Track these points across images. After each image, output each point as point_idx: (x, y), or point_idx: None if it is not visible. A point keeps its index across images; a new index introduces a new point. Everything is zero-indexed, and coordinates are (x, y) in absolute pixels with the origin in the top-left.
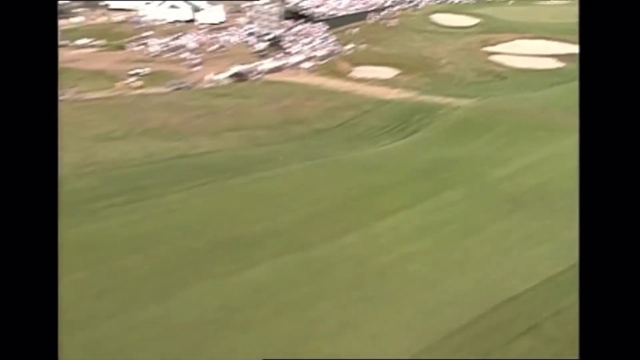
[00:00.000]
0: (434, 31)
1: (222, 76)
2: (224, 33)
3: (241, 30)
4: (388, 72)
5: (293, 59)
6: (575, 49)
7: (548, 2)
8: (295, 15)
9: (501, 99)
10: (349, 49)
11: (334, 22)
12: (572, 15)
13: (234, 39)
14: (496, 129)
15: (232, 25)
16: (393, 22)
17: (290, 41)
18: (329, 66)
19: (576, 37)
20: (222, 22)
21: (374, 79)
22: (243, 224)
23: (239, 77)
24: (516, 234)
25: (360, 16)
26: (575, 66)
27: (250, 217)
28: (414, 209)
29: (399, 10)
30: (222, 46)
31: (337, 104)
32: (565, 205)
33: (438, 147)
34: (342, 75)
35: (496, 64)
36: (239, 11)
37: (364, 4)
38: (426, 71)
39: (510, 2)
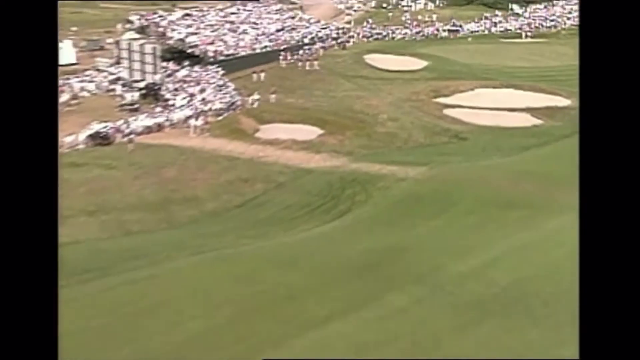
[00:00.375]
0: (369, 77)
1: (76, 138)
2: (78, 79)
3: (103, 74)
4: (308, 132)
5: (177, 115)
6: (554, 100)
7: (517, 40)
8: (179, 55)
9: (460, 166)
10: (254, 101)
11: (234, 64)
12: (548, 56)
13: (92, 87)
14: (455, 208)
15: (88, 68)
16: (314, 65)
17: (173, 90)
18: (227, 124)
19: (554, 86)
20: (73, 64)
21: (289, 140)
22: (105, 347)
23: (100, 139)
24: (487, 352)
25: (269, 57)
26: (555, 124)
27: (116, 337)
28: (347, 318)
29: (321, 48)
30: (74, 97)
31: (239, 175)
32: (552, 312)
33: (378, 232)
34: (245, 135)
35: (452, 120)
36: (101, 48)
37: (273, 41)
38: (360, 130)
39: (469, 39)
